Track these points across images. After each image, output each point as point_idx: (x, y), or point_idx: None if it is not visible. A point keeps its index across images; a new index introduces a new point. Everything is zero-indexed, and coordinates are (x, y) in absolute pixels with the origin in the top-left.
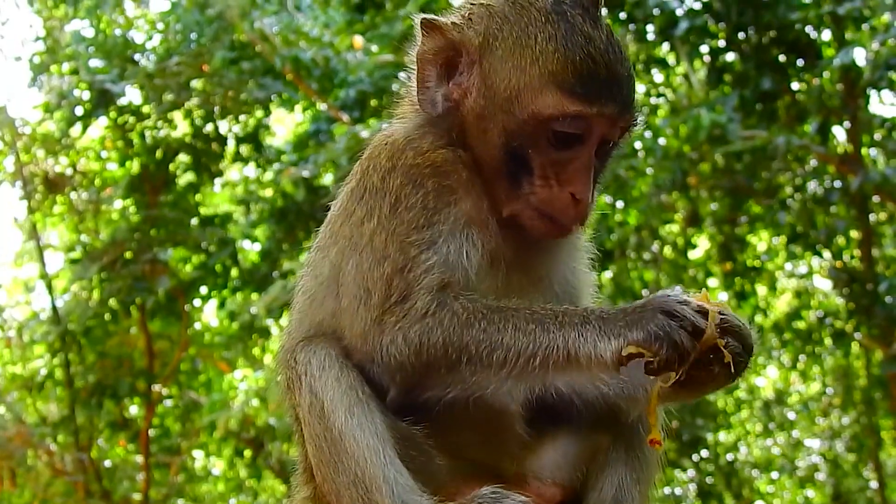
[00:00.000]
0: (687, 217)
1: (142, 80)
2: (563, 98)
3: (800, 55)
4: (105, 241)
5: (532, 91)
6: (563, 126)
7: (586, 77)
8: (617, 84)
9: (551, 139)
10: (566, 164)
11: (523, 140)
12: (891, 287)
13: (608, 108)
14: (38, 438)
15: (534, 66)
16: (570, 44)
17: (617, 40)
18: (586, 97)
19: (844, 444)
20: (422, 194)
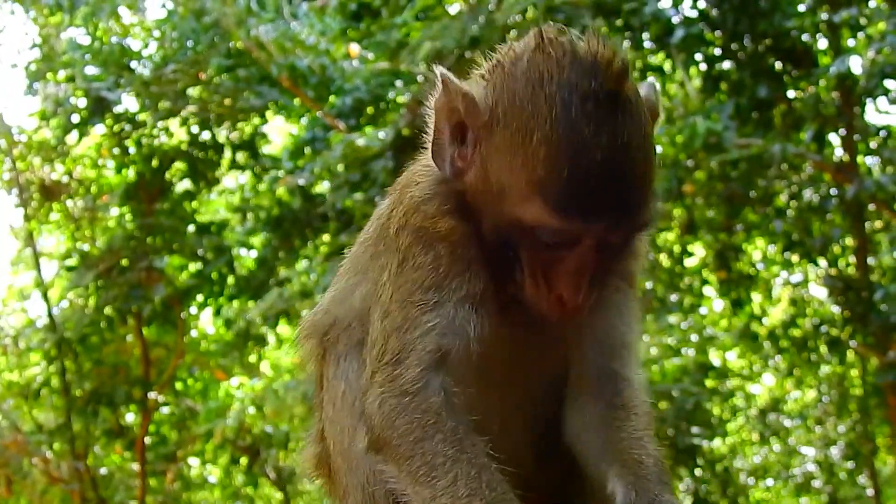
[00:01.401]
0: (683, 225)
1: (138, 87)
2: (545, 211)
3: (796, 63)
4: (101, 248)
5: (519, 194)
6: (547, 237)
7: (574, 192)
8: (613, 198)
9: (537, 243)
10: (556, 265)
11: (512, 236)
12: (886, 295)
13: (597, 225)
14: (34, 446)
15: (524, 170)
16: (564, 151)
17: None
18: (571, 214)
19: (840, 452)
20: (432, 256)
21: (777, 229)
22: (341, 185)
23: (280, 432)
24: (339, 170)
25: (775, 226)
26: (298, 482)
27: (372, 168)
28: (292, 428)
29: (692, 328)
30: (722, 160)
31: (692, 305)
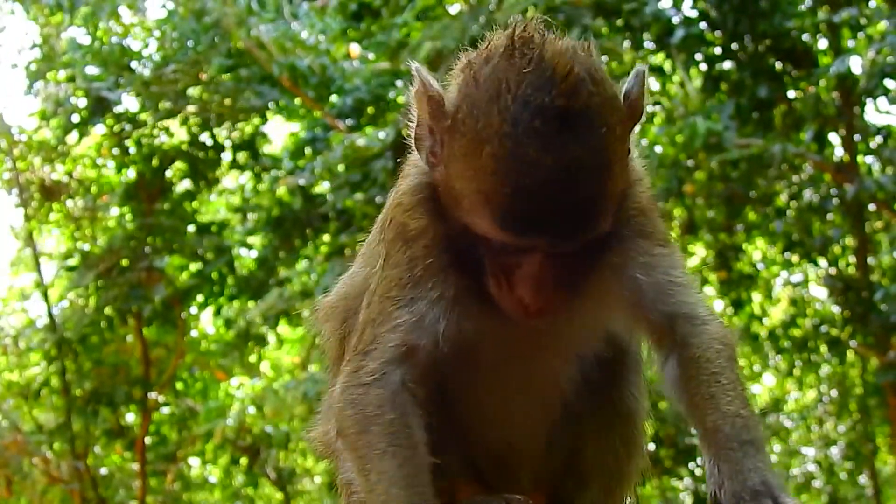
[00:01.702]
0: (683, 225)
1: (138, 87)
2: (491, 224)
3: (796, 63)
4: (101, 248)
5: (470, 204)
6: (498, 246)
7: (516, 209)
8: (554, 217)
9: (495, 249)
10: (515, 269)
11: (471, 241)
12: (886, 295)
13: (539, 242)
14: (34, 446)
15: (474, 181)
16: (509, 169)
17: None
18: (512, 230)
19: (840, 452)
20: (409, 255)
21: (777, 229)
22: (342, 185)
23: (280, 432)
24: (339, 170)
25: (775, 226)
26: (298, 482)
27: (372, 168)
28: (292, 428)
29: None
30: (722, 160)
31: None
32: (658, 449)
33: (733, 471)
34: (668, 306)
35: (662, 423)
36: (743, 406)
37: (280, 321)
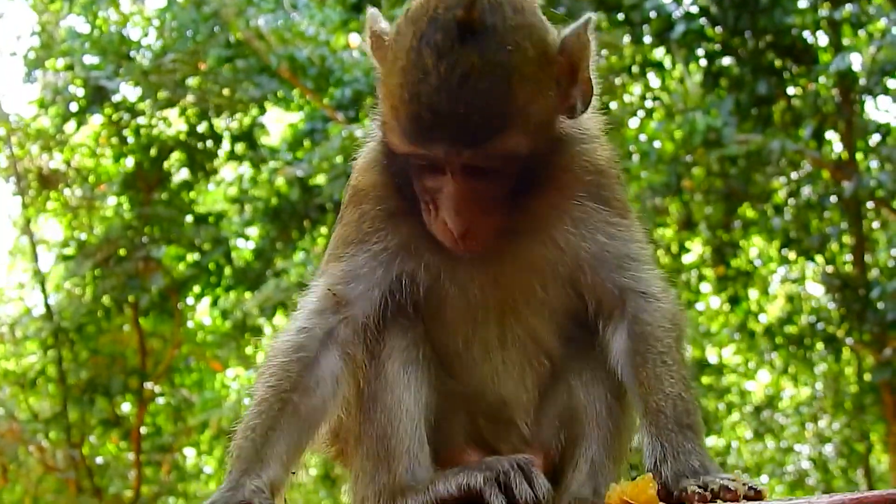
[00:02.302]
0: (681, 221)
1: (137, 77)
2: (400, 137)
3: (796, 60)
4: (99, 238)
5: (388, 122)
6: (414, 159)
7: (415, 118)
8: (449, 125)
9: (415, 166)
10: (437, 191)
11: (402, 165)
12: (883, 293)
13: (435, 148)
14: (29, 435)
15: (389, 97)
16: (409, 80)
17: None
18: (413, 139)
19: (835, 450)
20: (358, 214)
21: (775, 226)
22: (339, 177)
23: None
24: (337, 161)
25: (773, 223)
26: None
27: None
28: None
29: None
30: (721, 156)
31: (689, 301)
32: None
33: (674, 451)
34: (623, 279)
35: None
36: (685, 389)
37: (277, 312)
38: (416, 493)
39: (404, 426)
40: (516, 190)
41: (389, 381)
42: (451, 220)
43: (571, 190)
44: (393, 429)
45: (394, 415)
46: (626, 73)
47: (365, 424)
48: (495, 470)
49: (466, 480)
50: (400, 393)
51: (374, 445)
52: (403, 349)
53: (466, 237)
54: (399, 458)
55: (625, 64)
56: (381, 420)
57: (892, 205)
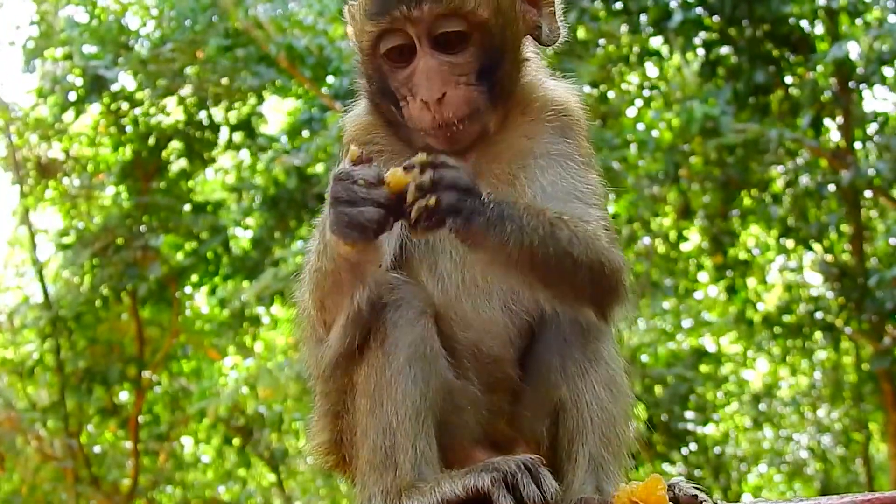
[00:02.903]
0: (678, 210)
1: (135, 66)
2: (368, 25)
3: (793, 49)
4: (97, 227)
5: (359, 33)
6: (384, 47)
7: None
8: None
9: (388, 63)
10: (411, 78)
11: (377, 75)
12: (881, 282)
13: (397, 10)
14: (27, 424)
15: (358, 12)
16: None
17: None
18: (378, 12)
19: (833, 439)
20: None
21: (773, 215)
22: None
23: (273, 413)
24: (335, 150)
25: (771, 211)
26: (291, 463)
27: None
28: (286, 408)
29: (687, 313)
30: (718, 145)
31: (687, 290)
32: (651, 434)
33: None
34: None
35: (656, 407)
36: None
37: (275, 301)
38: (423, 494)
39: (410, 419)
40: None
41: (395, 374)
42: (426, 89)
43: (541, 124)
44: (399, 421)
45: (400, 407)
46: (624, 62)
47: (371, 417)
48: (502, 471)
49: (473, 482)
50: (406, 386)
51: (381, 438)
52: (409, 344)
53: (443, 104)
54: (405, 453)
55: (622, 53)
56: (387, 412)
57: (889, 193)
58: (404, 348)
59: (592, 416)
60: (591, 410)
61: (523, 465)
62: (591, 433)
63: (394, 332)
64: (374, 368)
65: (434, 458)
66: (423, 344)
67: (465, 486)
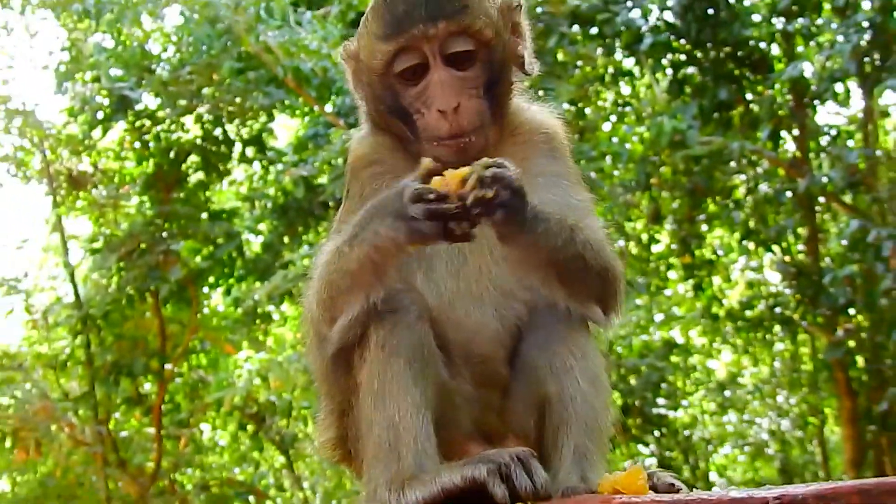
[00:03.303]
0: (650, 215)
1: (157, 87)
2: (381, 45)
3: (753, 69)
4: (123, 233)
5: (370, 55)
6: (398, 66)
7: (388, 17)
8: (416, 6)
9: (401, 81)
10: (425, 92)
11: (389, 95)
12: (834, 279)
13: (413, 29)
14: (60, 412)
15: (367, 36)
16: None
17: None
18: (392, 34)
19: (792, 422)
20: (358, 185)
21: (736, 219)
22: (340, 177)
23: (284, 401)
24: (338, 162)
25: (734, 216)
26: (300, 447)
27: None
28: (295, 397)
29: (658, 308)
30: (686, 156)
31: (658, 288)
32: (626, 418)
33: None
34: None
35: (630, 395)
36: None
37: (284, 300)
38: (424, 485)
39: (412, 416)
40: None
41: (396, 374)
42: (443, 99)
43: (532, 146)
44: (401, 418)
45: (401, 405)
46: (600, 81)
47: (375, 414)
48: (497, 462)
49: (471, 472)
50: (406, 385)
51: (385, 434)
52: (408, 346)
53: (458, 113)
54: (408, 447)
55: (598, 73)
56: (389, 409)
57: (841, 199)
58: (404, 350)
59: (577, 409)
60: (575, 404)
61: (516, 457)
62: (575, 425)
63: (394, 336)
64: (376, 369)
65: (434, 452)
66: (421, 346)
67: (463, 476)
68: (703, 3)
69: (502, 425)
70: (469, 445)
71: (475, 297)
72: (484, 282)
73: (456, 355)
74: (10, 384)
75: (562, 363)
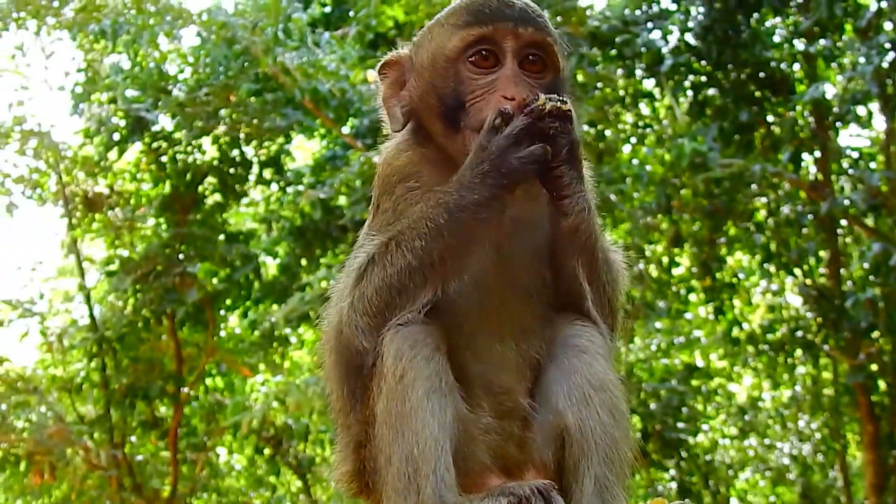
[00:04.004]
0: (670, 238)
1: (174, 108)
2: (463, 32)
3: (774, 90)
4: (139, 255)
5: (444, 41)
6: (473, 50)
7: (479, 9)
8: (510, 6)
9: (471, 68)
10: (493, 83)
11: (451, 81)
12: (856, 303)
13: (502, 23)
14: (76, 436)
15: (443, 29)
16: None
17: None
18: (479, 21)
19: (813, 447)
20: (392, 200)
21: (757, 242)
22: (359, 199)
23: (301, 424)
24: (356, 185)
25: (755, 239)
26: (317, 471)
27: None
28: (312, 421)
29: (678, 332)
30: (706, 178)
31: (678, 311)
32: (646, 443)
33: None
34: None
35: (650, 419)
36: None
37: (301, 324)
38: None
39: (430, 448)
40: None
41: (415, 406)
42: (511, 88)
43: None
44: (420, 450)
45: (420, 437)
46: (620, 103)
47: (394, 446)
48: (518, 495)
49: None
50: (425, 417)
51: (404, 466)
52: (426, 378)
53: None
54: (426, 478)
55: (618, 95)
56: (408, 441)
57: (863, 222)
58: (422, 382)
59: (597, 441)
60: (595, 435)
61: (537, 489)
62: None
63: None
64: (394, 402)
65: (453, 484)
66: (438, 378)
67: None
68: (724, 24)
69: (522, 456)
70: (488, 478)
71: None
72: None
73: (476, 387)
74: (25, 407)
75: (580, 395)
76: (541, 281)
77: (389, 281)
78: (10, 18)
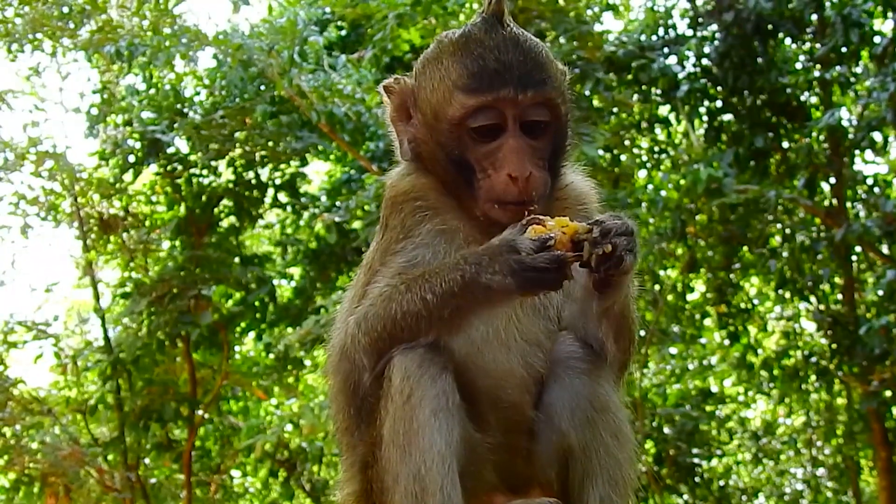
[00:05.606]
0: (685, 263)
1: (189, 131)
2: (463, 97)
3: (790, 116)
4: (154, 278)
5: (445, 102)
6: (475, 122)
7: (478, 73)
8: (509, 70)
9: (474, 136)
10: (496, 153)
11: (455, 146)
12: (870, 329)
13: (503, 91)
14: (90, 458)
15: (442, 83)
16: (465, 53)
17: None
18: (480, 89)
19: (826, 472)
20: (400, 218)
21: (771, 268)
22: (374, 222)
23: (315, 447)
24: (371, 208)
25: (770, 265)
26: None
27: None
28: (326, 444)
29: (693, 357)
30: (722, 204)
31: (693, 336)
32: (660, 467)
33: None
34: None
35: (664, 443)
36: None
37: (316, 347)
38: None
39: (437, 466)
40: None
41: (422, 425)
42: (517, 166)
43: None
44: (427, 468)
45: (427, 456)
46: (636, 128)
47: (401, 465)
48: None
49: None
50: (432, 436)
51: (412, 484)
52: (433, 397)
53: (529, 182)
54: (434, 496)
55: (634, 120)
56: (416, 460)
57: (878, 248)
58: (429, 402)
59: (601, 462)
60: (598, 456)
61: None
62: (600, 477)
63: (419, 388)
64: (402, 421)
65: (460, 502)
66: (445, 397)
67: None
68: (740, 50)
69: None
70: (495, 496)
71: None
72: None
73: (483, 402)
74: (40, 429)
75: (583, 416)
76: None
77: (396, 319)
78: (26, 39)
